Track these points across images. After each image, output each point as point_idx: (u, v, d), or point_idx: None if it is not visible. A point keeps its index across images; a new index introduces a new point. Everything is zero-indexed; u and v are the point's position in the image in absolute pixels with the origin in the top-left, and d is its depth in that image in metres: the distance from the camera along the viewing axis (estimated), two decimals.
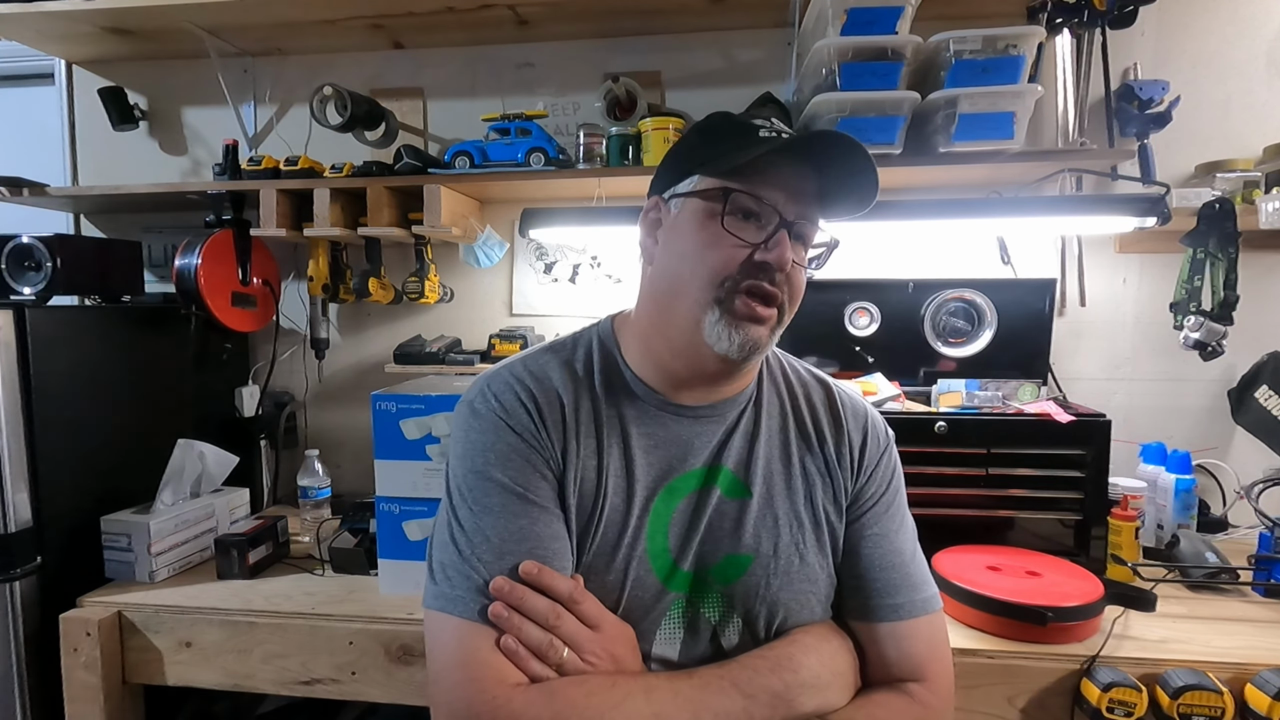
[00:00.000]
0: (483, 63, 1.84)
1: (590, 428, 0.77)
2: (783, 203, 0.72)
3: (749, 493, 0.79)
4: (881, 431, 0.86)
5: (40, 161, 1.92)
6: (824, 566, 0.80)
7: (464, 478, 0.75)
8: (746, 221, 0.73)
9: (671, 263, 0.77)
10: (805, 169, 0.74)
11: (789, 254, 0.72)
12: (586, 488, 0.76)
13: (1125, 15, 1.52)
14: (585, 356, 0.82)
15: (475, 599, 0.69)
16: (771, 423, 0.83)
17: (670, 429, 0.79)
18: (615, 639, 0.72)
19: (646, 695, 0.68)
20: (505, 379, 0.79)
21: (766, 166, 0.72)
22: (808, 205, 0.75)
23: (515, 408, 0.76)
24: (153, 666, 1.25)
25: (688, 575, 0.77)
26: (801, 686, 0.72)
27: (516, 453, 0.74)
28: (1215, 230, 1.37)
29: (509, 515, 0.72)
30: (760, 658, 0.74)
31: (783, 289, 0.74)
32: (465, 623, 0.68)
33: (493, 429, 0.75)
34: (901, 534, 0.82)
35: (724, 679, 0.71)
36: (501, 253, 1.79)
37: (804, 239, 0.76)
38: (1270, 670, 1.00)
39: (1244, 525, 1.52)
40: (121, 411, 1.50)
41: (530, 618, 0.68)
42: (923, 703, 0.75)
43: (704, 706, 0.68)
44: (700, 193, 0.75)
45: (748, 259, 0.72)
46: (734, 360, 0.74)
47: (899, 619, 0.77)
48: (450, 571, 0.71)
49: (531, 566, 0.70)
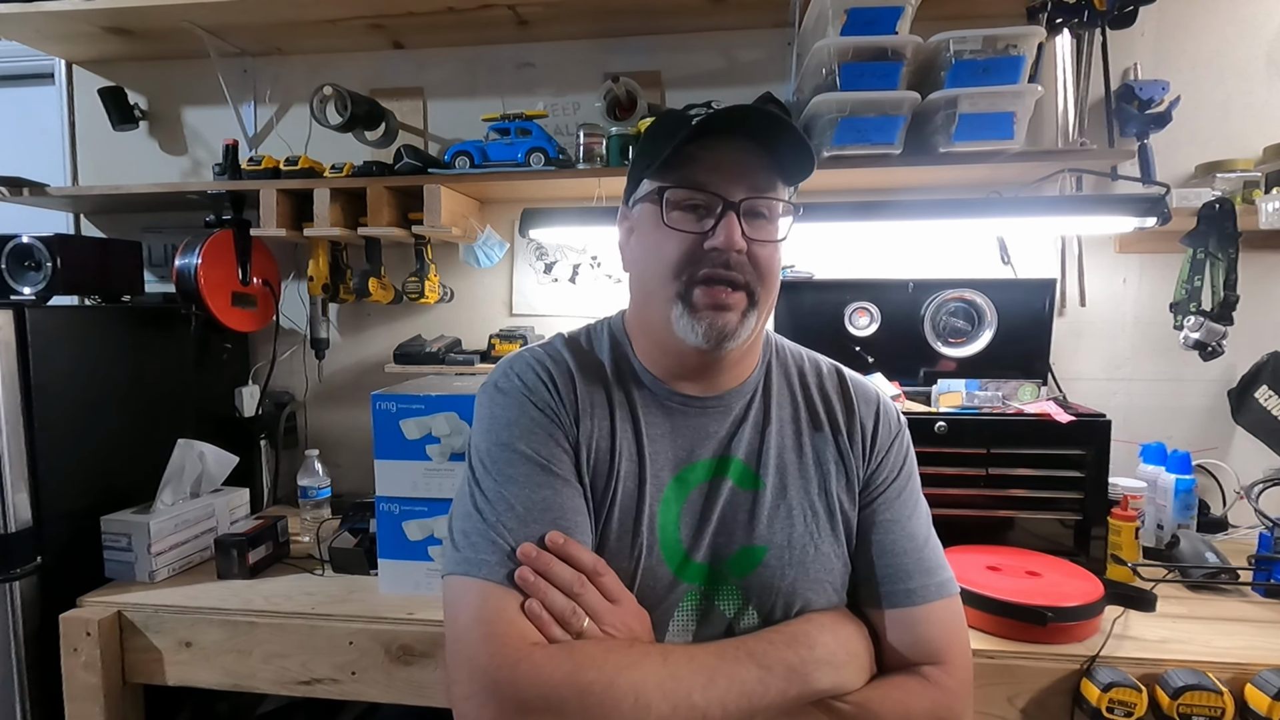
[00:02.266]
0: (483, 63, 1.84)
1: (604, 411, 0.79)
2: (725, 185, 0.73)
3: (761, 483, 0.79)
4: (894, 417, 0.87)
5: (40, 161, 1.92)
6: (839, 555, 0.80)
7: (488, 450, 0.76)
8: (691, 213, 0.74)
9: (639, 267, 0.80)
10: (747, 144, 0.73)
11: (737, 235, 0.72)
12: (600, 468, 0.77)
13: (1125, 15, 1.52)
14: (599, 347, 0.85)
15: (501, 563, 0.70)
16: (783, 412, 0.83)
17: (678, 420, 0.80)
18: (633, 615, 0.73)
19: (663, 658, 0.69)
20: (527, 360, 0.81)
21: (704, 152, 0.73)
22: (757, 181, 0.74)
23: (537, 385, 0.78)
24: (153, 666, 1.25)
25: (702, 567, 0.77)
26: (817, 662, 0.72)
27: (540, 426, 0.76)
28: (1215, 230, 1.37)
29: (533, 485, 0.73)
30: (777, 632, 0.74)
31: (744, 270, 0.74)
32: (490, 585, 0.69)
33: (517, 405, 0.77)
34: (915, 519, 0.82)
35: (740, 649, 0.72)
36: (501, 253, 1.79)
37: (762, 214, 0.75)
38: (1270, 670, 1.00)
39: (1244, 525, 1.52)
40: (121, 411, 1.50)
41: (555, 585, 0.69)
42: (940, 685, 0.75)
43: (719, 672, 0.69)
44: (645, 196, 0.78)
45: (697, 249, 0.74)
46: (708, 351, 0.75)
47: (914, 604, 0.77)
48: (474, 538, 0.72)
49: (558, 536, 0.71)
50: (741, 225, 0.73)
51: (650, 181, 0.77)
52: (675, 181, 0.74)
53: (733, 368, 0.81)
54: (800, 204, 0.79)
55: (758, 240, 0.74)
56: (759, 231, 0.74)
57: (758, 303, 0.76)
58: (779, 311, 1.62)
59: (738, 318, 0.75)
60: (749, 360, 0.83)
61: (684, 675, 0.68)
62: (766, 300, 0.77)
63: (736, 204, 0.73)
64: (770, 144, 0.73)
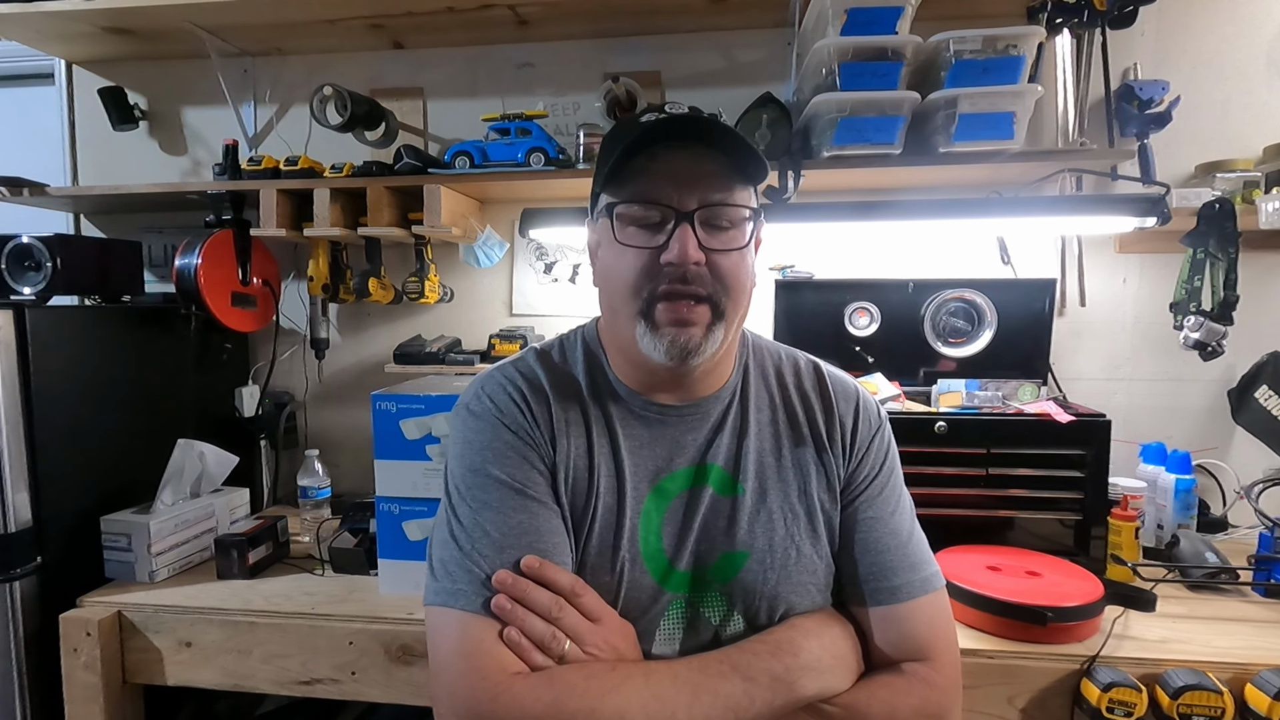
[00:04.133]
0: (483, 63, 1.84)
1: (580, 428, 0.78)
2: (677, 195, 0.70)
3: (741, 488, 0.79)
4: (874, 413, 0.86)
5: (40, 161, 1.92)
6: (822, 556, 0.79)
7: (462, 476, 0.75)
8: (645, 228, 0.72)
9: (603, 282, 0.78)
10: (698, 148, 0.71)
11: (691, 247, 0.69)
12: (578, 487, 0.76)
13: (1125, 15, 1.52)
14: (572, 359, 0.83)
15: (477, 592, 0.69)
16: (761, 416, 0.82)
17: (655, 430, 0.79)
18: (616, 632, 0.72)
19: (646, 678, 0.68)
20: (498, 380, 0.80)
21: (653, 163, 0.71)
22: (712, 186, 0.71)
23: (509, 407, 0.77)
24: (153, 666, 1.25)
25: (685, 575, 0.77)
26: (802, 669, 0.71)
27: (513, 450, 0.75)
28: (1215, 230, 1.37)
29: (508, 510, 0.73)
30: (760, 642, 0.74)
31: (704, 282, 0.71)
32: (468, 615, 0.69)
33: (489, 428, 0.77)
34: (898, 515, 0.81)
35: (724, 663, 0.71)
36: (501, 253, 1.79)
37: (721, 221, 0.72)
38: (1270, 670, 1.00)
39: (1244, 525, 1.52)
40: (121, 411, 1.50)
41: (533, 610, 0.69)
42: (927, 681, 0.75)
43: (703, 688, 0.68)
44: (600, 211, 0.76)
45: (654, 264, 0.71)
46: (674, 367, 0.74)
47: (898, 601, 0.77)
48: (451, 567, 0.71)
49: (533, 560, 0.70)
50: (698, 235, 0.70)
51: (605, 196, 0.75)
52: (626, 196, 0.72)
53: (706, 376, 0.80)
54: (758, 209, 0.76)
55: (717, 250, 0.72)
56: (718, 240, 0.72)
57: (724, 314, 0.73)
58: (779, 311, 1.63)
59: (702, 332, 0.72)
60: (724, 367, 0.82)
61: (668, 695, 0.67)
62: (735, 311, 0.75)
63: (690, 214, 0.70)
64: (725, 146, 0.71)
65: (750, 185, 0.75)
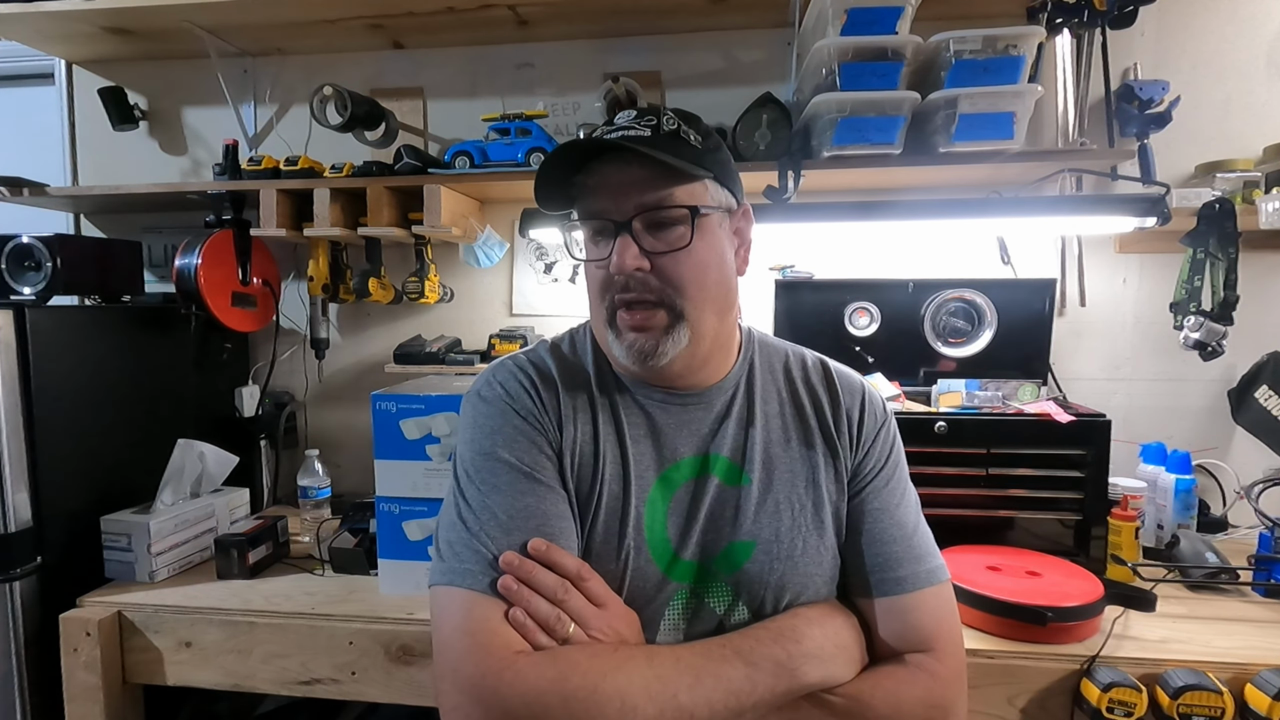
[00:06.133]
0: (483, 63, 1.84)
1: (587, 416, 0.80)
2: (613, 207, 0.73)
3: (747, 479, 0.79)
4: (879, 406, 0.87)
5: (40, 161, 1.92)
6: (827, 547, 0.80)
7: (471, 460, 0.76)
8: (596, 241, 0.76)
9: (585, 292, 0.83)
10: (625, 154, 0.72)
11: (628, 256, 0.72)
12: (584, 474, 0.77)
13: (1125, 15, 1.52)
14: (582, 351, 0.85)
15: (484, 572, 0.70)
16: (768, 408, 0.83)
17: (660, 419, 0.80)
18: (620, 617, 0.73)
19: (648, 659, 0.69)
20: (509, 368, 0.82)
21: (590, 179, 0.75)
22: (645, 190, 0.73)
23: (519, 392, 0.79)
24: (153, 666, 1.25)
25: (691, 565, 0.77)
26: (805, 656, 0.72)
27: (522, 434, 0.76)
28: (1215, 230, 1.37)
29: (516, 493, 0.73)
30: (763, 628, 0.74)
31: (649, 288, 0.74)
32: (474, 594, 0.69)
33: (499, 413, 0.78)
34: (903, 507, 0.82)
35: (726, 647, 0.72)
36: (501, 253, 1.79)
37: (663, 222, 0.73)
38: (1270, 670, 1.00)
39: (1244, 525, 1.52)
40: (121, 411, 1.50)
41: (539, 592, 0.69)
42: (930, 672, 0.75)
43: (705, 671, 0.69)
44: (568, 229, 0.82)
45: (608, 275, 0.75)
46: (639, 370, 0.77)
47: (903, 592, 0.77)
48: (459, 547, 0.72)
49: (540, 543, 0.71)
50: (639, 242, 0.73)
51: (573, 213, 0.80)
52: (580, 213, 0.77)
53: (700, 370, 0.81)
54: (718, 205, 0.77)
55: (661, 252, 0.73)
56: (664, 242, 0.74)
57: (683, 314, 0.74)
58: (779, 311, 1.63)
59: (659, 335, 0.75)
60: (717, 359, 0.82)
61: (670, 676, 0.68)
62: (696, 310, 0.75)
63: (626, 223, 0.73)
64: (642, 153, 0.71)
65: (696, 181, 0.75)
